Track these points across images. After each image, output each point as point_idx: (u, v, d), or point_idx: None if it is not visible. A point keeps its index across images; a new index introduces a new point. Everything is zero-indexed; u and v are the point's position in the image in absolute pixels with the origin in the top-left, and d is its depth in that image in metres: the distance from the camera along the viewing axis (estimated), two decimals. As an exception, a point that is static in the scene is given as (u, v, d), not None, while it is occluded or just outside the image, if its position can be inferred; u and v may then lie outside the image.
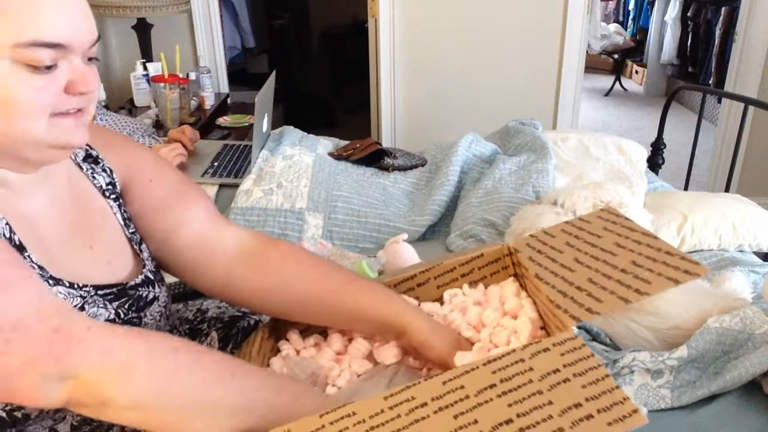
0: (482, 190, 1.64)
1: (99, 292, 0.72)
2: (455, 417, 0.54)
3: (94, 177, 0.79)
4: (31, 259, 0.65)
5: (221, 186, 1.74)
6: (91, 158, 0.80)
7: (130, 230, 0.81)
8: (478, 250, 0.90)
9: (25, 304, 0.56)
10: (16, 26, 0.58)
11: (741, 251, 1.49)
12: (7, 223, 0.64)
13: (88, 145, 0.79)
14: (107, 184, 0.80)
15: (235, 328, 0.96)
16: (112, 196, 0.80)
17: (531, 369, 0.58)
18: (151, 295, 0.79)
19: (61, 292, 0.67)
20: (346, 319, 0.83)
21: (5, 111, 0.60)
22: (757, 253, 1.53)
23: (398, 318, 0.79)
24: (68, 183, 0.75)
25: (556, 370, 0.57)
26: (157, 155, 0.89)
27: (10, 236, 0.64)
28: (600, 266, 0.73)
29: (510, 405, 0.54)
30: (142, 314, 0.77)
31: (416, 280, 0.89)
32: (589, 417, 0.51)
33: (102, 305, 0.71)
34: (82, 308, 0.69)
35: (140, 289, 0.78)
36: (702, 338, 0.99)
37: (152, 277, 0.80)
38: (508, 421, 0.53)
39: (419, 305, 0.87)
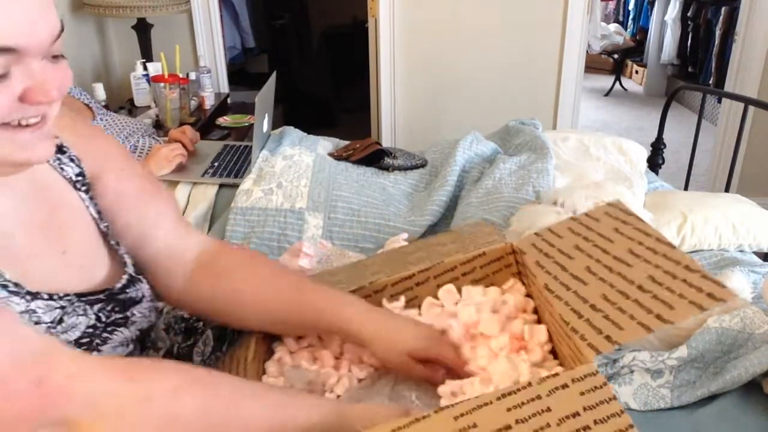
0: (482, 190, 1.64)
1: (82, 299, 0.68)
2: None
3: (62, 168, 0.72)
4: (4, 277, 0.60)
5: (221, 186, 1.74)
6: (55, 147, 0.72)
7: (104, 224, 0.75)
8: (480, 248, 0.87)
9: (1, 357, 0.52)
10: None
11: (741, 251, 1.49)
12: None
13: None
14: (76, 175, 0.73)
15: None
16: (83, 188, 0.74)
17: (549, 410, 0.54)
18: (139, 294, 0.76)
19: (40, 307, 0.63)
20: (297, 327, 0.81)
21: None
22: (757, 253, 1.53)
23: (341, 324, 0.77)
24: (32, 180, 0.67)
25: (576, 414, 0.53)
26: (123, 146, 0.86)
27: None
28: (614, 280, 0.70)
29: None
30: (128, 313, 0.74)
31: (415, 279, 0.87)
32: None
33: (81, 312, 0.67)
34: (60, 320, 0.65)
35: (128, 290, 0.74)
36: (702, 338, 0.99)
37: (135, 274, 0.76)
38: None
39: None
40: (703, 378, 0.98)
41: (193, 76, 2.70)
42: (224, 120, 2.67)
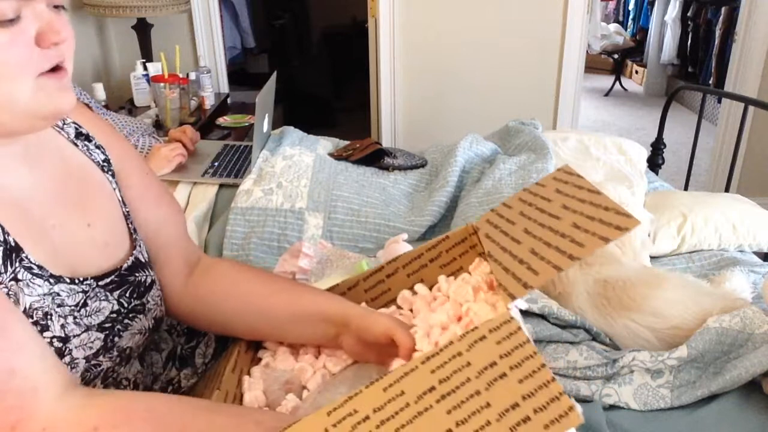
0: (482, 190, 1.64)
1: (100, 283, 0.70)
2: (396, 431, 0.53)
3: (90, 153, 0.77)
4: (29, 259, 0.62)
5: (221, 186, 1.74)
6: (82, 136, 0.77)
7: (126, 209, 0.79)
8: (445, 234, 0.90)
9: None
10: None
11: (741, 251, 1.49)
12: None
13: (76, 123, 0.77)
14: (103, 161, 0.78)
15: None
16: (110, 172, 0.78)
17: (469, 364, 0.57)
18: (148, 279, 0.78)
19: (63, 290, 0.65)
20: (290, 321, 0.83)
21: None
22: (757, 253, 1.53)
23: (337, 308, 0.81)
24: (60, 158, 0.72)
25: (493, 363, 0.56)
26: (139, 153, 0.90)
27: (4, 238, 0.60)
28: (543, 234, 0.72)
29: (449, 411, 0.53)
30: (144, 300, 0.77)
31: (385, 271, 0.89)
32: (527, 419, 0.51)
33: (103, 297, 0.70)
34: (84, 303, 0.67)
35: (137, 273, 0.76)
36: (702, 338, 0.99)
37: (144, 260, 0.79)
38: None
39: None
40: (703, 378, 0.98)
41: (193, 76, 2.71)
42: (224, 120, 2.67)
